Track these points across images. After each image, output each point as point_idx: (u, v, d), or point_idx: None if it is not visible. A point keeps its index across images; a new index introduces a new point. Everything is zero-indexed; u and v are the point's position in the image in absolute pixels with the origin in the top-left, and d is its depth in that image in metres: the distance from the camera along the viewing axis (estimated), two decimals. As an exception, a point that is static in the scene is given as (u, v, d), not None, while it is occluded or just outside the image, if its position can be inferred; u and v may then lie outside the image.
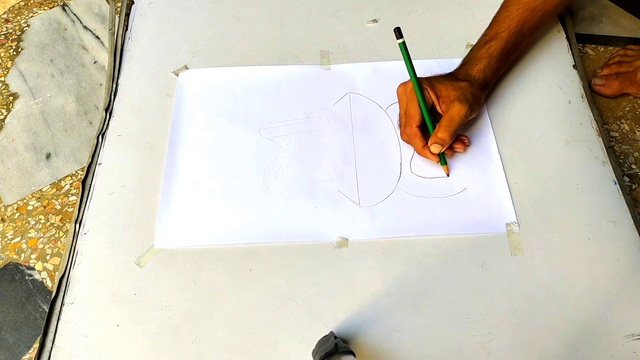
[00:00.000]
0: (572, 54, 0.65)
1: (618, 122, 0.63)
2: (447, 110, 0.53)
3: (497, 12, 0.60)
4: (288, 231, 0.53)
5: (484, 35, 0.59)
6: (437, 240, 0.52)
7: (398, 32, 0.54)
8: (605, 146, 0.57)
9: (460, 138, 0.56)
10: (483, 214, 0.53)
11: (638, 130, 0.62)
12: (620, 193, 0.54)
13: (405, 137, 0.56)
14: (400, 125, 0.57)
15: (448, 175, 0.56)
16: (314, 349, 0.45)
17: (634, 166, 0.60)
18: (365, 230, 0.53)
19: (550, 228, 0.52)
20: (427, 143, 0.54)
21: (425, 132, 0.56)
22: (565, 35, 0.67)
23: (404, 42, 0.54)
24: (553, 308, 0.48)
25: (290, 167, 0.57)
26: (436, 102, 0.54)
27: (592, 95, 0.65)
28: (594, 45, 0.70)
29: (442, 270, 0.50)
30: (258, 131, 0.60)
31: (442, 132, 0.53)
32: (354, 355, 0.41)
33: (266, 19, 0.70)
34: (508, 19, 0.58)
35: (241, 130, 0.60)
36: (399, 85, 0.56)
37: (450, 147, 0.56)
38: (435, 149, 0.53)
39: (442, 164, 0.56)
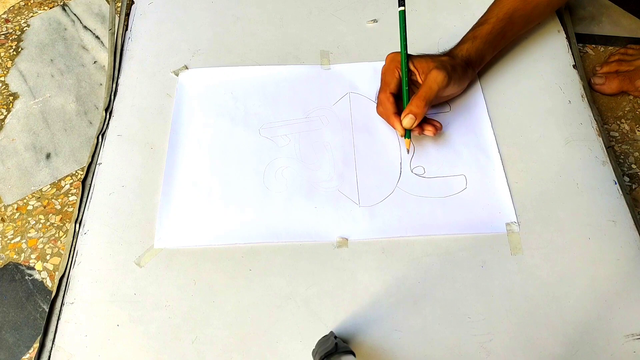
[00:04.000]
0: (572, 54, 0.65)
1: (618, 122, 0.63)
2: (425, 80, 0.54)
3: (491, 4, 0.62)
4: (288, 231, 0.53)
5: (474, 24, 0.61)
6: (437, 240, 0.52)
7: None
8: (605, 146, 0.57)
9: (432, 122, 0.56)
10: (483, 213, 0.53)
11: (638, 130, 0.62)
12: (620, 193, 0.54)
13: (380, 108, 0.57)
14: (377, 99, 0.59)
15: (408, 152, 0.57)
16: (314, 349, 0.45)
17: (634, 166, 0.60)
18: (365, 230, 0.53)
19: (550, 228, 0.52)
20: (398, 110, 0.55)
21: (399, 107, 0.56)
22: (565, 35, 0.67)
23: (403, 11, 0.56)
24: (553, 308, 0.48)
25: (290, 167, 0.57)
26: (416, 74, 0.56)
27: (592, 95, 0.65)
28: (594, 45, 0.70)
29: (442, 270, 0.50)
30: (258, 131, 0.60)
31: (416, 101, 0.53)
32: (354, 355, 0.41)
33: (266, 19, 0.70)
34: (498, 7, 0.60)
35: (241, 130, 0.60)
36: (384, 65, 0.58)
37: (420, 126, 0.55)
38: (408, 121, 0.54)
39: (405, 137, 0.56)
